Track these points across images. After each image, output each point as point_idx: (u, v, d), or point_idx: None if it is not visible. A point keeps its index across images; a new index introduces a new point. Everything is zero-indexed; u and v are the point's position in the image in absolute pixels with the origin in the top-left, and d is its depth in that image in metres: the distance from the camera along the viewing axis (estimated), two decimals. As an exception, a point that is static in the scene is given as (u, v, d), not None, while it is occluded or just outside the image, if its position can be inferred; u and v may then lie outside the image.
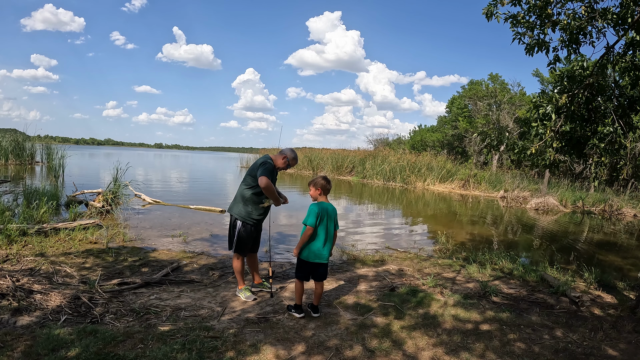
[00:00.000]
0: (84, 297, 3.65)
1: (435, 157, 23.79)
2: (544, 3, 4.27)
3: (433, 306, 3.90)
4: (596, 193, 17.06)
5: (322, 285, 3.58)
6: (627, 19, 4.05)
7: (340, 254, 6.13)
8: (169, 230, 7.16)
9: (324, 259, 3.46)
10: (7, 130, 25.29)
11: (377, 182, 21.84)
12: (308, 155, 27.34)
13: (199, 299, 3.94)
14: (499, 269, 5.48)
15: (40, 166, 19.79)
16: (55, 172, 14.98)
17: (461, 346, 3.11)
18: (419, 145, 36.67)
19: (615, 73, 5.01)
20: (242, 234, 3.87)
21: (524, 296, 4.39)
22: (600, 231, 10.80)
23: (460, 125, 31.31)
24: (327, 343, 3.04)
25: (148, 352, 2.70)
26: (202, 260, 5.37)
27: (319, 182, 3.51)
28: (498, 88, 30.18)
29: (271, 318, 3.46)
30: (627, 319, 3.88)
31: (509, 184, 18.71)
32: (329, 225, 3.47)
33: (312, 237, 3.41)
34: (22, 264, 4.54)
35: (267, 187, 3.63)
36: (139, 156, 50.38)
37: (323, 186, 3.51)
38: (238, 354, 2.80)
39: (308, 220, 3.37)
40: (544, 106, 4.80)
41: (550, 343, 3.26)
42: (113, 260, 5.07)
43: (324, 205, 3.46)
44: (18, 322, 3.10)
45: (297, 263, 3.54)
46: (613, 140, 4.62)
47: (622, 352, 3.18)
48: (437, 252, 6.79)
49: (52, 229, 5.98)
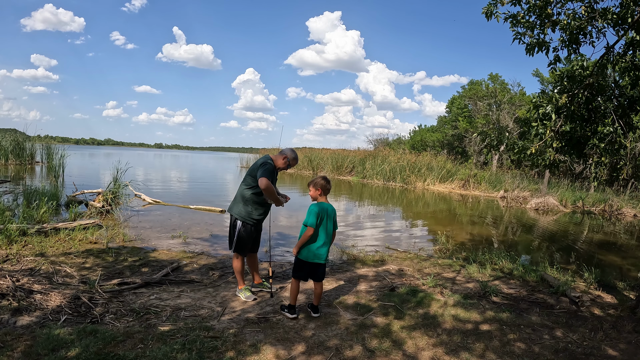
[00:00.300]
0: (84, 297, 3.65)
1: (435, 157, 23.80)
2: (544, 3, 4.27)
3: (433, 306, 3.90)
4: (596, 193, 17.06)
5: (321, 285, 3.58)
6: (627, 19, 4.05)
7: (340, 254, 6.13)
8: (169, 230, 7.16)
9: (322, 259, 3.47)
10: (7, 130, 25.29)
11: (377, 182, 21.84)
12: (308, 155, 27.35)
13: (199, 299, 3.94)
14: (499, 269, 5.48)
15: (40, 166, 19.79)
16: (55, 172, 14.98)
17: (461, 346, 3.11)
18: (419, 145, 36.67)
19: (615, 73, 5.00)
20: (242, 234, 3.87)
21: (524, 296, 4.39)
22: (600, 231, 10.80)
23: (460, 125, 31.31)
24: (327, 343, 3.04)
25: (148, 352, 2.70)
26: (202, 260, 5.37)
27: (319, 182, 3.51)
28: (498, 88, 30.19)
29: (271, 318, 3.46)
30: (627, 319, 3.88)
31: (509, 184, 18.71)
32: (329, 225, 3.47)
33: (312, 237, 3.41)
34: (22, 264, 4.54)
35: (267, 188, 3.63)
36: (139, 156, 50.37)
37: (323, 186, 3.51)
38: (238, 354, 2.80)
39: (309, 220, 3.37)
40: (544, 106, 4.80)
41: (550, 343, 3.26)
42: (113, 260, 5.07)
43: (323, 205, 3.46)
44: (18, 322, 3.10)
45: (295, 263, 3.53)
46: (613, 140, 4.62)
47: (622, 352, 3.18)
48: (437, 252, 6.79)
49: (52, 229, 5.98)
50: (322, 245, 3.44)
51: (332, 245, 6.64)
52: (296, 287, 3.50)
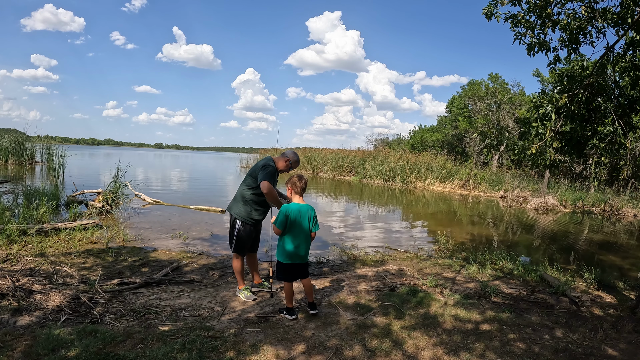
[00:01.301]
0: (84, 297, 3.65)
1: (435, 157, 23.78)
2: (544, 3, 4.27)
3: (433, 306, 3.90)
4: (596, 193, 17.06)
5: (309, 281, 3.60)
6: (627, 19, 4.05)
7: (340, 254, 6.13)
8: (169, 230, 7.16)
9: (302, 259, 3.49)
10: (7, 130, 25.31)
11: (377, 182, 21.83)
12: (308, 155, 27.33)
13: (199, 299, 3.94)
14: (499, 269, 5.48)
15: (40, 166, 19.78)
16: (55, 172, 14.98)
17: (461, 346, 3.11)
18: (419, 145, 36.66)
19: (615, 73, 5.00)
20: (242, 234, 3.87)
21: (524, 296, 4.39)
22: (600, 231, 10.80)
23: (460, 125, 31.30)
24: (327, 343, 3.04)
25: (148, 352, 2.70)
26: (202, 260, 5.37)
27: (291, 181, 3.57)
28: (498, 88, 30.16)
29: (271, 318, 3.46)
30: (627, 319, 3.88)
31: (509, 184, 18.70)
32: (304, 224, 3.46)
33: (288, 238, 3.43)
34: (22, 264, 4.54)
35: (269, 192, 3.64)
36: (139, 156, 50.37)
37: (293, 184, 3.54)
38: (238, 354, 2.80)
39: (276, 221, 3.43)
40: (544, 106, 4.80)
41: (550, 343, 3.26)
42: (113, 260, 5.07)
43: (295, 206, 3.47)
44: (18, 322, 3.10)
45: (277, 266, 3.55)
46: (613, 140, 4.61)
47: (622, 352, 3.18)
48: (437, 252, 6.79)
49: (52, 229, 5.98)
50: (298, 245, 3.45)
51: (333, 245, 6.71)
52: (289, 289, 3.50)
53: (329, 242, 7.05)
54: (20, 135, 21.44)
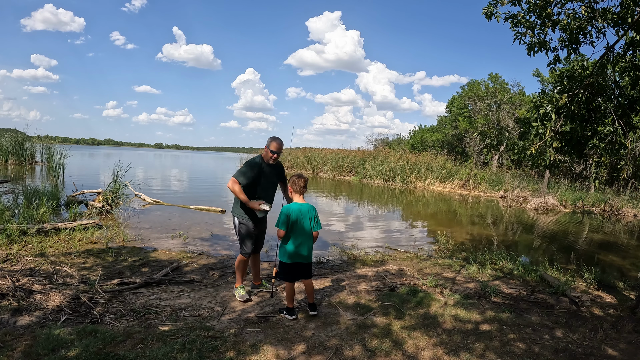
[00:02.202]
0: (84, 297, 3.65)
1: (435, 157, 23.78)
2: (544, 3, 4.27)
3: (433, 306, 3.90)
4: (596, 193, 17.06)
5: (310, 282, 3.59)
6: (627, 19, 4.05)
7: (340, 254, 6.13)
8: (169, 230, 7.16)
9: (304, 259, 3.48)
10: (7, 130, 25.29)
11: (377, 182, 21.83)
12: (308, 155, 27.34)
13: (199, 299, 3.94)
14: (499, 269, 5.48)
15: (40, 166, 19.78)
16: (55, 172, 14.98)
17: (461, 346, 3.11)
18: (419, 145, 36.65)
19: (615, 73, 5.00)
20: (241, 231, 3.90)
21: (524, 296, 4.39)
22: (600, 231, 10.80)
23: (460, 125, 31.28)
24: (327, 343, 3.04)
25: (148, 352, 2.70)
26: (202, 260, 5.37)
27: (291, 180, 3.58)
28: (498, 88, 30.15)
29: (271, 318, 3.46)
30: (627, 319, 3.88)
31: (509, 184, 18.70)
32: (305, 224, 3.47)
33: (290, 238, 3.44)
34: (22, 264, 4.54)
35: (231, 187, 3.83)
36: (139, 156, 50.36)
37: (293, 183, 3.55)
38: (238, 354, 2.80)
39: (277, 223, 3.44)
40: (544, 106, 4.80)
41: (550, 343, 3.26)
42: (113, 260, 5.07)
43: (296, 206, 3.48)
44: (18, 322, 3.10)
45: (280, 266, 3.55)
46: (613, 140, 4.61)
47: (622, 352, 3.18)
48: (437, 252, 6.79)
49: (52, 229, 5.98)
50: (300, 244, 3.45)
51: (333, 245, 6.71)
52: (290, 289, 3.50)
53: (329, 242, 7.05)
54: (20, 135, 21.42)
